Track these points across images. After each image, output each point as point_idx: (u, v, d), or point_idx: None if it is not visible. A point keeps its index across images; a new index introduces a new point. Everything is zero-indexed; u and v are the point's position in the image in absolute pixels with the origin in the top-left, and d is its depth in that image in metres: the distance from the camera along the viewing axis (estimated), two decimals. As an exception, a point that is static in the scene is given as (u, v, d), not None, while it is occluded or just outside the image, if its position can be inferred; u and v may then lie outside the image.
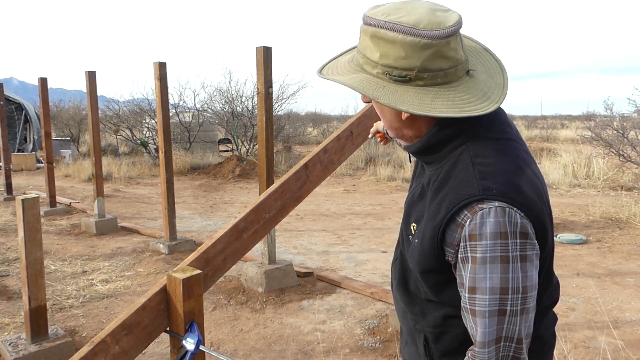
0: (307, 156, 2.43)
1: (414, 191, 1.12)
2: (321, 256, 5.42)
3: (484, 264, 0.87)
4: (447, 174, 0.97)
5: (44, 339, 3.07)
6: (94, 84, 6.29)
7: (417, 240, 1.01)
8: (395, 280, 1.19)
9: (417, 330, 1.12)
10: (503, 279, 0.86)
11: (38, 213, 2.95)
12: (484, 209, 0.87)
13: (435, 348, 1.08)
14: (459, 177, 0.94)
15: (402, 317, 1.20)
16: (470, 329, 0.92)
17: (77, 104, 21.80)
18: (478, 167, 0.92)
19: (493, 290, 0.87)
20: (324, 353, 3.16)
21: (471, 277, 0.88)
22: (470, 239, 0.88)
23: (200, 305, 1.74)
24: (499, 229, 0.86)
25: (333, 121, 26.85)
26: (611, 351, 3.04)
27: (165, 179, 5.44)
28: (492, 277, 0.87)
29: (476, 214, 0.87)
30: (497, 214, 0.86)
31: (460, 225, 0.89)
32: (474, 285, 0.88)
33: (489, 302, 0.87)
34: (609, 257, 5.18)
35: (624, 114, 10.24)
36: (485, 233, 0.86)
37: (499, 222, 0.86)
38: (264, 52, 4.11)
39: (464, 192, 0.90)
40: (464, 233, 0.88)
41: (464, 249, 0.89)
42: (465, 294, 0.90)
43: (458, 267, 0.92)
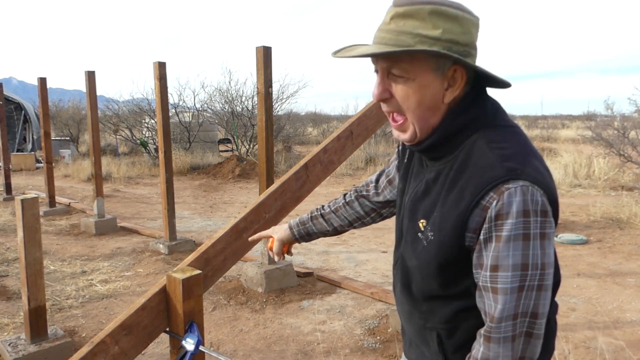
0: (307, 156, 2.42)
1: (415, 189, 1.11)
2: (321, 256, 5.42)
3: (508, 242, 0.89)
4: (463, 163, 0.99)
5: (44, 340, 3.06)
6: (93, 84, 6.28)
7: (432, 234, 1.01)
8: (399, 283, 1.17)
9: (428, 329, 1.11)
10: (524, 256, 0.89)
11: (37, 213, 2.94)
12: (510, 188, 0.89)
13: (448, 343, 1.08)
14: (478, 163, 0.96)
15: (408, 319, 1.18)
16: (488, 307, 0.94)
17: (77, 104, 21.80)
18: (496, 151, 0.95)
19: (515, 267, 0.90)
20: (324, 353, 3.15)
21: (494, 256, 0.91)
22: (496, 219, 0.90)
23: (200, 305, 1.74)
24: (524, 207, 0.89)
25: (333, 121, 26.86)
26: (612, 351, 3.04)
27: (165, 179, 5.44)
28: (514, 254, 0.89)
29: (503, 194, 0.89)
30: (523, 193, 0.89)
31: (485, 207, 0.91)
32: (497, 263, 0.91)
33: (511, 278, 0.90)
34: (609, 258, 5.17)
35: (624, 114, 10.25)
36: (512, 212, 0.89)
37: (523, 200, 0.89)
38: (264, 52, 4.10)
39: (489, 175, 0.92)
40: (490, 214, 0.90)
41: (489, 230, 0.91)
42: (486, 273, 0.93)
43: (478, 248, 0.94)
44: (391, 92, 1.01)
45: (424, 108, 1.00)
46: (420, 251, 1.05)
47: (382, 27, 0.99)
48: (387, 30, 0.97)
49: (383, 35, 0.97)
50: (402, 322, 1.25)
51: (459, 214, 0.95)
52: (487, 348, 0.94)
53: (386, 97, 1.01)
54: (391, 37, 0.96)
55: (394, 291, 1.24)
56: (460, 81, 1.01)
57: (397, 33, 0.95)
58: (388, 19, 0.98)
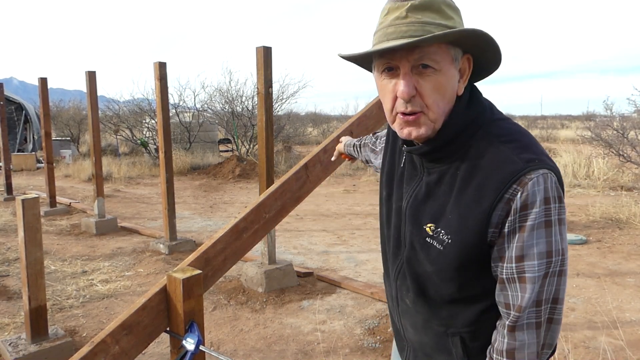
0: (307, 156, 2.43)
1: (413, 194, 1.08)
2: (321, 256, 5.42)
3: (532, 230, 0.91)
4: (474, 162, 0.98)
5: (44, 339, 3.07)
6: (94, 84, 6.29)
7: (450, 237, 0.99)
8: (410, 293, 1.12)
9: (450, 335, 1.07)
10: (548, 243, 0.91)
11: (38, 213, 2.95)
12: (532, 179, 0.90)
13: (473, 346, 1.06)
14: (493, 160, 0.95)
15: (423, 329, 1.13)
16: (512, 298, 0.94)
17: (77, 104, 21.81)
18: (508, 144, 0.96)
19: (541, 255, 0.91)
20: (324, 353, 3.16)
21: (518, 246, 0.92)
22: (521, 210, 0.91)
23: (200, 305, 1.74)
24: (545, 195, 0.91)
25: (333, 121, 26.85)
26: (611, 351, 3.04)
27: (165, 179, 5.44)
28: (538, 242, 0.91)
29: (526, 185, 0.90)
30: (544, 181, 0.91)
31: (509, 200, 0.91)
32: (522, 253, 0.92)
33: (537, 267, 0.91)
34: (609, 257, 5.18)
35: (623, 114, 10.24)
36: (536, 201, 0.90)
37: (545, 188, 0.91)
38: (264, 52, 4.11)
39: (509, 169, 0.92)
40: (515, 206, 0.91)
41: (514, 222, 0.92)
42: (511, 264, 0.93)
43: (500, 242, 0.94)
44: (416, 88, 0.96)
45: (446, 101, 0.99)
46: (437, 256, 1.02)
47: (397, 21, 0.94)
48: (408, 23, 0.93)
49: (405, 28, 0.93)
50: (407, 334, 1.19)
51: (482, 212, 0.94)
52: (513, 338, 0.95)
53: (413, 94, 0.96)
54: (416, 28, 0.92)
55: (397, 303, 1.18)
56: (468, 71, 1.02)
57: (422, 24, 0.93)
58: (404, 13, 0.94)
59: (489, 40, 0.97)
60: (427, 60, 0.94)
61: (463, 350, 1.07)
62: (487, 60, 1.04)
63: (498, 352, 0.98)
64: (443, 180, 1.03)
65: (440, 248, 1.01)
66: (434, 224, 1.02)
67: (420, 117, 0.98)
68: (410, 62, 0.95)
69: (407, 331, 1.18)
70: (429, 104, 0.97)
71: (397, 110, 1.00)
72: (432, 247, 1.03)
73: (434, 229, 1.02)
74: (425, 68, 0.95)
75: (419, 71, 0.95)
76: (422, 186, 1.07)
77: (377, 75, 1.02)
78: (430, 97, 0.96)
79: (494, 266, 0.97)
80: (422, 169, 1.08)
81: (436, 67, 0.95)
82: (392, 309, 1.24)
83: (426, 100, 0.97)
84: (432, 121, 0.99)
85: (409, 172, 1.12)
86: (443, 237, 1.00)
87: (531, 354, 0.95)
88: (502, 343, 0.97)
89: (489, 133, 0.99)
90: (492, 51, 1.00)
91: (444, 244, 1.00)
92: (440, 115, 0.99)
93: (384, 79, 1.00)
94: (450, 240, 0.99)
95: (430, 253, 1.03)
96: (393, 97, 0.99)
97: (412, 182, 1.10)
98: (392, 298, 1.20)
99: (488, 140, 0.98)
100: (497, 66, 1.05)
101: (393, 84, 0.98)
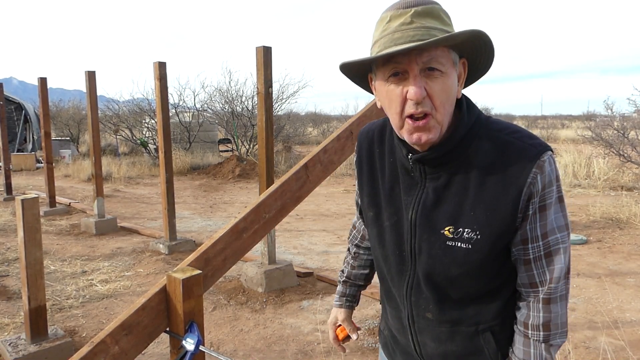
0: (307, 156, 2.42)
1: (419, 202, 1.08)
2: (321, 256, 5.42)
3: (551, 207, 1.00)
4: (488, 158, 1.03)
5: (44, 339, 3.07)
6: (93, 84, 6.28)
7: (478, 234, 1.01)
8: (432, 305, 1.10)
9: (481, 332, 1.09)
10: (563, 217, 1.02)
11: (37, 213, 2.94)
12: (545, 160, 0.99)
13: (502, 338, 1.10)
14: (506, 152, 1.01)
15: (449, 338, 1.11)
16: (541, 275, 1.02)
17: (77, 104, 21.81)
18: (515, 135, 1.03)
19: (561, 228, 1.01)
20: (324, 353, 3.16)
21: (542, 224, 1.00)
22: (542, 190, 0.99)
23: (200, 305, 1.74)
24: (555, 174, 1.01)
25: (333, 121, 26.85)
26: (612, 351, 3.04)
27: (165, 179, 5.44)
28: (557, 217, 1.01)
29: (542, 167, 0.98)
30: (552, 161, 1.00)
31: (530, 184, 0.98)
32: (546, 230, 1.01)
33: (561, 239, 1.01)
34: (609, 257, 5.17)
35: (624, 114, 10.24)
36: (552, 180, 1.00)
37: (554, 168, 1.00)
38: (264, 52, 4.11)
39: (527, 156, 0.99)
40: (537, 188, 0.99)
41: (537, 202, 0.99)
42: (538, 243, 1.01)
43: (524, 225, 1.01)
44: (426, 90, 0.98)
45: (451, 103, 1.02)
46: (464, 256, 1.03)
47: (404, 27, 0.97)
48: (414, 28, 0.96)
49: (413, 33, 0.95)
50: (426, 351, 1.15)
51: (511, 200, 0.99)
52: (548, 310, 1.02)
53: (424, 96, 0.97)
54: (423, 33, 0.95)
55: (411, 321, 1.14)
56: (464, 75, 1.06)
57: (427, 29, 0.96)
58: (409, 19, 0.96)
59: (488, 43, 1.00)
60: (434, 63, 0.96)
61: (496, 344, 1.09)
62: (478, 66, 1.08)
63: (533, 327, 1.04)
64: (453, 181, 1.05)
65: (468, 247, 1.02)
66: (452, 225, 1.03)
67: (429, 121, 0.99)
68: (419, 65, 0.96)
69: (427, 347, 1.15)
70: (437, 105, 0.99)
71: (407, 113, 1.00)
72: (456, 249, 1.03)
73: (454, 231, 1.03)
74: (432, 71, 0.97)
75: (427, 74, 0.97)
76: (429, 192, 1.07)
77: (381, 82, 1.02)
78: (439, 98, 0.98)
79: (516, 250, 1.04)
80: (422, 176, 1.08)
81: (443, 70, 0.97)
82: (401, 332, 1.20)
83: (435, 101, 0.98)
84: (439, 123, 1.00)
85: (405, 183, 1.11)
86: (469, 234, 1.02)
87: (563, 323, 1.04)
88: (537, 317, 1.03)
89: (491, 129, 1.05)
90: (486, 56, 1.04)
91: (472, 241, 1.02)
92: (446, 117, 1.01)
93: (391, 85, 1.00)
94: (479, 235, 1.02)
95: (456, 256, 1.03)
96: (402, 101, 0.99)
97: (412, 191, 1.10)
98: (404, 318, 1.17)
99: (495, 136, 1.04)
100: (484, 73, 1.10)
101: (401, 88, 0.99)
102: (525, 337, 1.05)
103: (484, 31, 0.97)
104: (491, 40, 1.00)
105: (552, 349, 1.04)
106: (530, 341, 1.04)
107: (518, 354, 1.06)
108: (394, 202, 1.13)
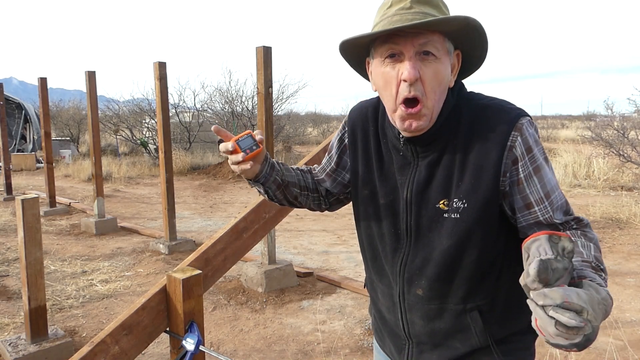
0: (307, 156, 2.42)
1: (413, 181, 1.10)
2: (321, 256, 5.42)
3: (543, 168, 1.03)
4: (470, 126, 1.05)
5: (44, 339, 3.07)
6: (93, 84, 6.28)
7: (465, 202, 1.04)
8: (424, 281, 1.12)
9: (468, 311, 1.10)
10: (553, 175, 1.05)
11: (38, 213, 2.94)
12: (524, 123, 1.01)
13: (490, 317, 1.11)
14: (489, 115, 1.04)
15: (438, 315, 1.13)
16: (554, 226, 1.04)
17: (77, 104, 21.80)
18: (495, 101, 1.07)
19: (557, 185, 1.05)
20: (324, 353, 3.16)
21: (542, 185, 1.03)
22: (527, 152, 1.01)
23: (200, 305, 1.74)
24: (536, 137, 1.03)
25: (333, 121, 26.85)
26: (612, 351, 3.04)
27: (165, 179, 5.44)
28: (550, 177, 1.04)
29: (521, 129, 1.01)
30: (531, 125, 1.03)
31: (511, 147, 1.01)
32: (547, 190, 1.03)
33: (559, 195, 1.04)
34: (609, 257, 5.17)
35: (624, 114, 10.23)
36: (534, 142, 1.02)
37: (534, 131, 1.03)
38: (264, 52, 4.11)
39: (506, 118, 1.02)
40: (520, 151, 1.01)
41: (525, 165, 1.02)
42: (545, 204, 1.03)
43: (520, 189, 1.03)
44: (420, 74, 1.00)
45: (441, 90, 1.03)
46: (454, 226, 1.05)
47: (403, 11, 1.00)
48: (413, 13, 0.99)
49: (411, 17, 0.98)
50: (414, 330, 1.17)
51: (493, 163, 1.01)
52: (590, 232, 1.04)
53: (417, 77, 0.99)
54: (421, 18, 0.98)
55: (401, 298, 1.16)
56: (457, 67, 1.08)
57: (424, 14, 0.99)
58: (409, 5, 1.00)
59: (483, 35, 1.03)
60: (430, 47, 0.99)
61: (483, 323, 1.10)
62: (472, 60, 1.10)
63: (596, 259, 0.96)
64: (443, 156, 1.07)
65: (457, 216, 1.05)
66: (446, 198, 1.06)
67: (421, 109, 1.02)
68: (415, 47, 0.99)
69: (415, 325, 1.16)
70: (427, 91, 1.01)
71: (401, 96, 1.02)
72: (448, 221, 1.06)
73: (448, 203, 1.06)
74: (427, 55, 1.00)
75: (421, 57, 1.00)
76: (422, 170, 1.10)
77: (378, 64, 1.05)
78: (430, 83, 1.01)
79: (522, 216, 1.04)
80: (414, 155, 1.11)
81: (437, 55, 1.00)
82: (390, 309, 1.21)
83: (426, 86, 1.01)
84: (430, 110, 1.03)
85: (398, 163, 1.14)
86: (457, 204, 1.05)
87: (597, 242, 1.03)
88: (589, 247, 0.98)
89: (470, 100, 1.09)
90: (480, 48, 1.07)
91: (459, 210, 1.04)
92: (436, 104, 1.03)
93: (387, 66, 1.03)
94: (465, 204, 1.04)
95: (448, 227, 1.06)
96: (397, 83, 1.02)
97: (405, 171, 1.13)
98: (394, 295, 1.18)
99: (474, 105, 1.07)
100: (478, 67, 1.12)
101: (396, 69, 1.02)
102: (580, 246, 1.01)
103: (478, 20, 0.99)
104: (485, 32, 1.02)
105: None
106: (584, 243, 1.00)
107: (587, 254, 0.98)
108: (388, 181, 1.16)
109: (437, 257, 1.09)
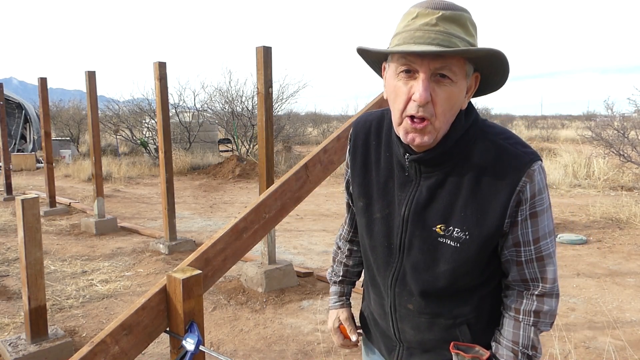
0: (307, 156, 2.42)
1: (413, 199, 1.10)
2: (321, 256, 5.42)
3: (542, 215, 1.05)
4: (483, 160, 1.05)
5: (44, 339, 3.07)
6: (93, 84, 6.28)
7: (467, 234, 1.05)
8: (415, 297, 1.14)
9: (458, 324, 1.14)
10: (549, 224, 1.07)
11: (38, 213, 2.94)
12: (535, 170, 1.02)
13: (477, 329, 1.15)
14: (504, 157, 1.04)
15: (428, 328, 1.16)
16: (534, 274, 1.08)
17: (77, 104, 21.79)
18: (510, 141, 1.06)
19: (550, 233, 1.07)
20: (324, 353, 3.16)
21: (534, 230, 1.05)
22: (531, 198, 1.03)
23: (200, 305, 1.74)
24: (544, 183, 1.05)
25: (333, 121, 26.85)
26: (612, 351, 3.04)
27: (165, 179, 5.44)
28: (547, 224, 1.06)
29: (532, 176, 1.02)
30: (542, 171, 1.04)
31: (519, 192, 1.02)
32: (538, 235, 1.05)
33: (550, 244, 1.07)
34: (609, 257, 5.17)
35: (624, 114, 10.23)
36: (541, 189, 1.04)
37: (542, 178, 1.04)
38: (264, 52, 4.11)
39: (519, 163, 1.02)
40: (526, 196, 1.02)
41: (526, 209, 1.03)
42: (530, 247, 1.06)
43: (514, 229, 1.05)
44: (431, 95, 0.98)
45: (453, 112, 1.02)
46: (452, 253, 1.06)
47: (427, 27, 0.96)
48: (437, 32, 0.96)
49: (434, 36, 0.95)
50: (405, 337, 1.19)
51: (501, 204, 1.02)
52: (542, 302, 1.09)
53: (429, 100, 0.97)
54: (444, 38, 0.95)
55: (393, 309, 1.18)
56: (473, 88, 1.06)
57: (448, 35, 0.96)
58: (434, 21, 0.96)
59: (505, 64, 1.01)
60: (446, 70, 0.97)
61: (471, 335, 1.13)
62: (490, 83, 1.08)
63: (525, 312, 1.09)
64: (446, 181, 1.07)
65: (457, 245, 1.05)
66: (444, 224, 1.06)
67: (427, 126, 1.00)
68: (431, 69, 0.97)
69: (406, 334, 1.19)
70: (437, 113, 0.99)
71: (408, 113, 1.01)
72: (446, 246, 1.07)
73: (445, 229, 1.06)
74: (443, 78, 0.97)
75: (437, 79, 0.98)
76: (422, 191, 1.09)
77: (392, 75, 1.03)
78: (442, 106, 0.99)
79: (508, 252, 1.08)
80: (417, 174, 1.10)
81: (453, 79, 0.98)
82: (382, 317, 1.23)
83: (437, 108, 0.99)
84: (436, 130, 1.01)
85: (400, 179, 1.13)
86: (458, 234, 1.05)
87: (553, 315, 1.11)
88: (530, 305, 1.09)
89: (486, 133, 1.07)
90: (501, 75, 1.05)
91: (460, 240, 1.05)
92: (444, 125, 1.02)
93: (400, 80, 1.01)
94: (467, 235, 1.04)
95: (444, 252, 1.07)
96: (406, 99, 1.00)
97: (406, 188, 1.12)
98: (386, 306, 1.20)
99: (489, 140, 1.06)
100: (495, 90, 1.11)
101: (409, 86, 0.99)
102: (516, 321, 1.11)
103: (503, 52, 0.97)
104: (508, 61, 1.00)
105: (539, 333, 1.12)
106: (521, 324, 1.10)
107: (507, 335, 1.11)
108: (386, 196, 1.15)
109: (430, 278, 1.10)
